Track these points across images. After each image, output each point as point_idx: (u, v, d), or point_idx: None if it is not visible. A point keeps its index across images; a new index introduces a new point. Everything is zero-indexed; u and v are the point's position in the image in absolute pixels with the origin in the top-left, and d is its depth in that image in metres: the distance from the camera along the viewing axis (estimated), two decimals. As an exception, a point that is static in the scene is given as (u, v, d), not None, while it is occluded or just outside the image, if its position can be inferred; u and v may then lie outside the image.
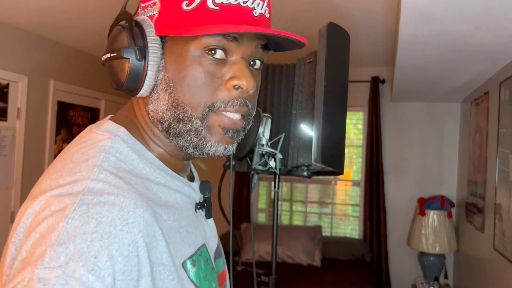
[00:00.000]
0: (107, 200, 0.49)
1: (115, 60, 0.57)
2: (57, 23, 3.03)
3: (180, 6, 0.55)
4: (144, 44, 0.56)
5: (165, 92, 0.57)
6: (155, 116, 0.59)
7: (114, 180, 0.51)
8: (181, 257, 0.57)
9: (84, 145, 0.56)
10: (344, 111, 1.32)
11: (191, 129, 0.58)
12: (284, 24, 2.79)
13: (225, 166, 1.37)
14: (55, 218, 0.46)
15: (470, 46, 2.03)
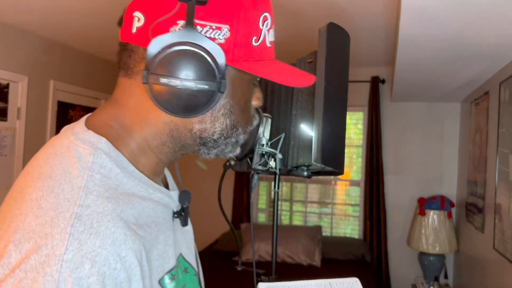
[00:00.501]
0: (98, 232, 0.47)
1: (184, 89, 0.53)
2: (57, 23, 3.03)
3: (250, 41, 0.57)
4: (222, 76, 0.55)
5: (224, 116, 0.60)
6: (199, 133, 0.60)
7: (102, 205, 0.50)
8: (158, 274, 0.57)
9: (64, 158, 0.53)
10: (344, 111, 1.33)
11: (233, 142, 0.63)
12: (284, 24, 2.79)
13: (225, 166, 1.37)
14: (46, 262, 0.44)
15: (470, 47, 2.03)
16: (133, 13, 0.56)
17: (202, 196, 4.58)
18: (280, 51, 4.02)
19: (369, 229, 3.92)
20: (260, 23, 0.58)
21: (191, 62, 0.53)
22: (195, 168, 4.61)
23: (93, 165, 0.53)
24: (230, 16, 0.55)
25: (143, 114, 0.59)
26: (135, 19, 0.56)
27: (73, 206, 0.48)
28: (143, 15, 0.55)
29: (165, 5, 0.54)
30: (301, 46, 3.31)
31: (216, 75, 0.54)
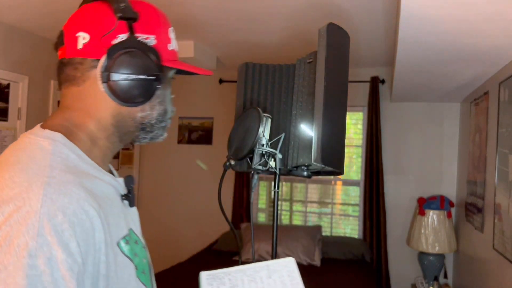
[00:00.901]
0: (65, 193, 0.59)
1: (140, 80, 0.72)
2: (58, 24, 3.03)
3: (167, 46, 0.78)
4: (160, 70, 0.74)
5: (159, 104, 0.78)
6: (141, 120, 0.77)
7: (66, 176, 0.62)
8: (116, 238, 0.69)
9: (28, 150, 0.66)
10: (344, 111, 1.33)
11: (163, 126, 0.81)
12: (284, 24, 2.79)
13: (225, 166, 1.37)
14: (26, 214, 0.55)
15: (470, 47, 2.03)
16: (76, 34, 0.71)
17: (202, 196, 4.58)
18: (280, 51, 4.07)
19: (369, 229, 3.93)
20: (169, 34, 0.79)
21: (139, 61, 0.71)
22: (195, 168, 4.62)
23: (53, 151, 0.66)
24: (154, 30, 0.75)
25: (92, 112, 0.73)
26: (79, 38, 0.71)
27: (42, 177, 0.60)
28: (88, 34, 0.71)
29: (106, 24, 0.71)
30: (301, 46, 3.32)
31: (157, 70, 0.73)
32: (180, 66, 0.79)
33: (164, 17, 0.79)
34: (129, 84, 0.71)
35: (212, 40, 3.30)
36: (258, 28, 2.92)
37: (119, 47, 0.70)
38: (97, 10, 0.72)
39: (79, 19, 0.72)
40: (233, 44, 3.40)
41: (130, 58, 0.70)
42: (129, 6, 0.71)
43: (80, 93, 0.73)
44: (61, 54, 0.74)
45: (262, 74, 1.51)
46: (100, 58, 0.71)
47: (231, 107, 5.11)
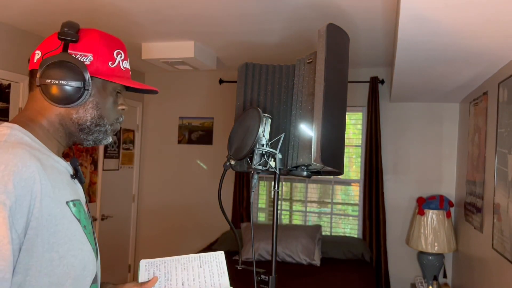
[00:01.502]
0: (11, 152, 0.78)
1: (67, 86, 0.90)
2: (58, 24, 3.04)
3: (108, 64, 0.96)
4: (87, 79, 0.92)
5: (92, 109, 0.95)
6: (77, 121, 0.95)
7: (16, 145, 0.81)
8: (64, 198, 0.86)
9: None
10: (343, 111, 1.34)
11: (103, 131, 0.98)
12: (284, 25, 2.80)
13: (225, 166, 1.38)
14: None
15: (469, 47, 2.04)
16: (35, 52, 0.95)
17: (202, 196, 4.59)
18: (280, 52, 4.05)
19: (368, 228, 3.94)
20: (114, 55, 0.98)
21: (67, 71, 0.89)
22: (196, 168, 4.63)
23: (9, 134, 0.85)
24: (93, 49, 0.94)
25: (42, 110, 0.94)
26: (36, 55, 0.94)
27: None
28: (40, 51, 0.94)
29: (53, 45, 0.93)
30: (300, 46, 3.32)
31: (83, 79, 0.90)
32: (115, 80, 0.96)
33: (111, 41, 0.98)
34: (54, 88, 0.89)
35: (212, 40, 3.31)
36: (258, 28, 2.92)
37: (48, 60, 0.89)
38: (53, 35, 0.95)
39: (42, 43, 0.96)
40: (233, 44, 3.41)
41: (56, 67, 0.89)
42: (73, 31, 0.92)
43: (33, 96, 0.95)
44: (28, 67, 0.97)
45: (262, 74, 1.52)
46: None
47: (231, 107, 5.12)
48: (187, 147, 4.67)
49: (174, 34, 3.16)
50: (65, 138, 0.97)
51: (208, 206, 4.57)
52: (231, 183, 4.43)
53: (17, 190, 0.76)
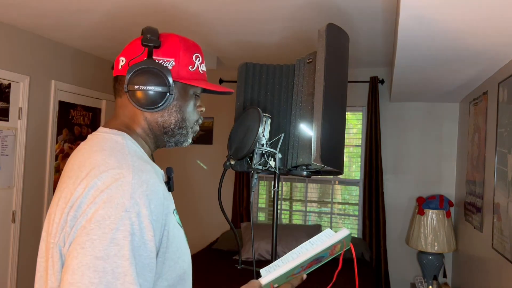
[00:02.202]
0: (145, 172, 0.83)
1: (153, 91, 0.93)
2: (58, 23, 3.04)
3: (188, 68, 0.99)
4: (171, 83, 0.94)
5: (176, 112, 0.99)
6: (162, 124, 0.98)
7: (139, 160, 0.86)
8: (171, 208, 0.89)
9: (107, 141, 0.89)
10: (343, 111, 1.34)
11: (184, 133, 1.02)
12: (284, 24, 2.80)
13: (225, 165, 1.38)
14: (122, 183, 0.78)
15: (469, 47, 2.04)
16: (119, 58, 0.98)
17: (202, 196, 4.59)
18: (280, 52, 4.05)
19: (368, 228, 3.94)
20: (193, 59, 1.00)
21: (152, 76, 0.93)
22: (196, 168, 4.63)
23: (125, 144, 0.90)
24: (175, 54, 0.97)
25: (133, 117, 0.98)
26: (120, 61, 0.98)
27: (128, 162, 0.83)
28: (125, 58, 0.97)
29: (137, 51, 0.96)
30: (300, 46, 3.33)
31: (167, 84, 0.93)
32: (197, 84, 0.99)
33: (189, 45, 1.01)
34: (142, 93, 0.93)
35: (212, 40, 3.31)
36: (258, 28, 2.92)
37: (135, 66, 0.92)
38: (135, 41, 0.98)
39: (125, 49, 0.99)
40: (233, 44, 3.41)
41: (143, 74, 0.92)
42: (155, 37, 0.95)
43: (121, 102, 0.99)
44: (113, 73, 1.00)
45: (262, 74, 1.52)
46: None
47: (231, 107, 5.13)
48: (187, 146, 4.67)
49: (174, 34, 3.16)
50: (153, 143, 1.01)
51: (208, 205, 4.57)
52: (231, 183, 4.43)
53: (157, 209, 0.80)
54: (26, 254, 3.35)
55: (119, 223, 0.75)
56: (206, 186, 4.58)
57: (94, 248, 0.73)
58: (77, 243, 0.74)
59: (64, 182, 0.84)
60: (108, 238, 0.74)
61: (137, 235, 0.76)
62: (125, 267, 0.73)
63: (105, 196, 0.77)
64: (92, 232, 0.74)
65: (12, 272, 3.24)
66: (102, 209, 0.76)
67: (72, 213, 0.78)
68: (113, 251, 0.73)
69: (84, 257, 0.73)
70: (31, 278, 3.32)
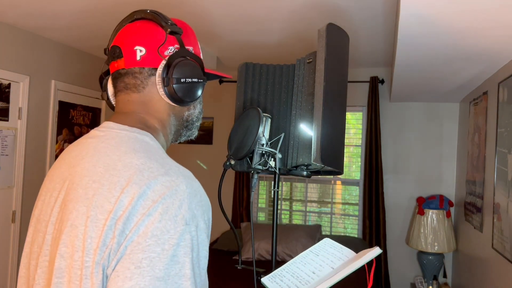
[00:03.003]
0: (192, 178, 0.76)
1: (192, 83, 0.85)
2: (58, 24, 3.04)
3: (200, 55, 0.91)
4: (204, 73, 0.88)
5: (199, 104, 0.94)
6: (187, 118, 0.91)
7: (179, 166, 0.77)
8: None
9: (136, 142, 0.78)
10: (343, 111, 1.34)
11: (197, 125, 0.95)
12: (283, 24, 2.80)
13: (225, 165, 1.38)
14: (176, 192, 0.70)
15: (469, 47, 2.04)
16: (134, 48, 0.83)
17: (202, 196, 4.59)
18: (280, 52, 4.04)
19: (368, 228, 3.94)
20: (199, 46, 0.94)
21: (191, 67, 0.84)
22: (196, 168, 4.63)
23: (156, 145, 0.80)
24: (192, 41, 0.90)
25: (155, 114, 0.86)
26: (137, 51, 0.83)
27: (172, 168, 0.74)
28: (144, 47, 0.83)
29: (158, 39, 0.84)
30: (300, 46, 3.33)
31: (203, 74, 0.87)
32: (214, 72, 0.96)
33: (194, 32, 0.94)
34: (184, 87, 0.84)
35: (212, 40, 3.31)
36: (258, 28, 2.92)
37: (176, 56, 0.82)
38: (148, 27, 0.85)
39: (134, 36, 0.84)
40: (233, 44, 3.41)
41: (184, 65, 0.83)
42: (174, 23, 0.85)
43: (141, 98, 0.85)
44: (118, 65, 0.85)
45: (262, 74, 1.52)
46: (157, 67, 0.83)
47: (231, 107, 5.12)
48: (187, 147, 4.67)
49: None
50: (173, 137, 0.93)
51: (208, 206, 4.57)
52: (231, 183, 4.43)
53: (210, 220, 0.75)
54: (26, 254, 3.35)
55: (180, 238, 0.67)
56: (206, 186, 4.56)
57: (154, 267, 0.64)
58: (131, 261, 0.64)
59: (89, 188, 0.71)
60: (168, 256, 0.65)
61: (195, 250, 0.69)
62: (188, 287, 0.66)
63: (159, 207, 0.67)
64: (149, 248, 0.64)
65: (12, 272, 3.24)
66: (159, 222, 0.66)
67: (119, 226, 0.66)
68: (174, 270, 0.65)
69: (141, 277, 0.63)
70: (31, 278, 3.32)
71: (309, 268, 1.05)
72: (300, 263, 1.07)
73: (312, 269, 1.05)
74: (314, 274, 1.04)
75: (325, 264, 1.06)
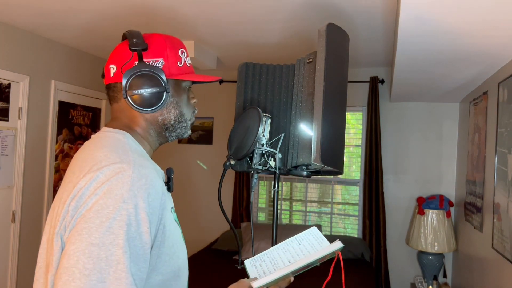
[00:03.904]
0: (145, 167, 0.87)
1: (151, 93, 0.96)
2: (58, 23, 3.04)
3: (177, 64, 1.02)
4: (165, 82, 0.98)
5: (174, 108, 1.03)
6: (162, 122, 1.02)
7: (139, 157, 0.89)
8: (168, 205, 0.92)
9: (109, 139, 0.94)
10: (343, 111, 1.34)
11: (184, 126, 1.06)
12: (283, 24, 2.80)
13: (225, 165, 1.38)
14: (122, 176, 0.82)
15: (469, 47, 2.04)
16: (109, 66, 1.01)
17: (202, 196, 4.59)
18: (280, 52, 4.04)
19: (368, 228, 3.94)
20: (179, 54, 1.04)
21: (147, 79, 0.96)
22: (196, 168, 4.63)
23: (126, 142, 0.94)
24: (162, 53, 1.00)
25: (133, 118, 1.01)
26: (111, 69, 1.00)
27: (129, 158, 0.87)
28: (115, 65, 1.00)
29: (125, 57, 0.98)
30: (300, 46, 3.33)
31: (163, 84, 0.97)
32: (188, 78, 1.04)
33: (173, 42, 1.04)
34: (141, 97, 0.96)
35: (212, 40, 3.31)
36: (258, 28, 2.92)
37: (129, 72, 0.95)
38: (121, 47, 1.01)
39: (111, 56, 1.02)
40: (233, 44, 3.41)
41: (139, 78, 0.95)
42: (141, 40, 0.97)
43: (119, 107, 1.02)
44: (104, 81, 1.03)
45: (262, 74, 1.52)
46: None
47: (231, 107, 5.12)
48: (187, 147, 4.67)
49: (174, 34, 3.16)
50: (156, 140, 1.05)
51: (208, 205, 4.57)
52: (231, 183, 4.43)
53: (154, 202, 0.84)
54: (26, 254, 3.35)
55: (116, 213, 0.78)
56: (206, 186, 4.58)
57: (91, 235, 0.76)
58: (75, 230, 0.77)
59: (68, 177, 0.88)
60: (104, 227, 0.76)
61: (133, 226, 0.79)
62: (119, 256, 0.76)
63: (105, 187, 0.80)
64: (90, 220, 0.77)
65: (12, 272, 3.24)
66: (102, 199, 0.79)
67: (73, 203, 0.81)
68: (109, 240, 0.76)
69: (80, 243, 0.75)
70: (31, 278, 3.32)
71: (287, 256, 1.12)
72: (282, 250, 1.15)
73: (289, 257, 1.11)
74: (289, 263, 1.09)
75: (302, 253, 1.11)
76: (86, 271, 0.73)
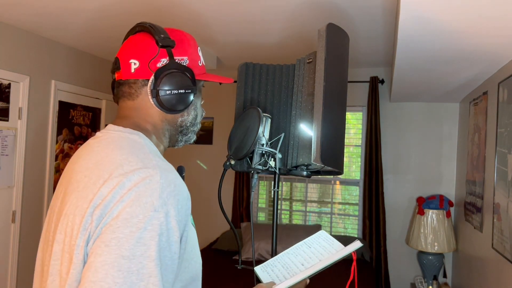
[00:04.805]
0: (170, 170, 0.82)
1: (182, 93, 0.92)
2: (58, 23, 3.04)
3: (198, 63, 0.98)
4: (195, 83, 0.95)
5: (194, 110, 1.00)
6: (180, 124, 0.98)
7: (162, 160, 0.85)
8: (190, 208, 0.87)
9: (124, 140, 0.87)
10: (343, 111, 1.34)
11: (195, 130, 1.02)
12: (283, 25, 2.80)
13: (225, 165, 1.38)
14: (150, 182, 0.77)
15: (469, 47, 2.04)
16: (129, 61, 0.93)
17: (202, 196, 4.59)
18: (280, 52, 4.04)
19: (368, 228, 3.94)
20: (199, 53, 1.00)
21: (180, 78, 0.92)
22: (196, 168, 4.63)
23: (143, 143, 0.88)
24: (187, 52, 0.96)
25: (148, 118, 0.95)
26: (132, 64, 0.92)
27: (152, 162, 0.82)
28: (138, 60, 0.92)
29: (151, 52, 0.92)
30: (300, 46, 3.33)
31: (193, 84, 0.94)
32: (209, 78, 1.00)
33: (193, 39, 1.00)
34: (172, 97, 0.92)
35: (212, 40, 3.31)
36: (258, 28, 2.92)
37: (163, 70, 0.90)
38: (143, 41, 0.94)
39: (131, 49, 0.94)
40: (233, 44, 3.41)
41: (171, 77, 0.91)
42: (167, 36, 0.92)
43: (134, 105, 0.95)
44: (118, 76, 0.96)
45: (262, 74, 1.52)
46: (149, 79, 0.92)
47: (231, 107, 5.12)
48: (187, 147, 4.67)
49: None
50: (167, 143, 1.00)
51: (208, 205, 4.57)
52: (231, 183, 4.43)
53: (183, 208, 0.80)
54: (26, 254, 3.35)
55: (147, 223, 0.73)
56: (206, 186, 4.58)
57: (120, 247, 0.71)
58: (102, 240, 0.72)
59: (80, 182, 0.81)
60: (135, 237, 0.72)
61: (164, 235, 0.74)
62: (151, 268, 0.71)
63: (133, 194, 0.75)
64: (118, 230, 0.72)
65: (12, 272, 3.24)
66: (130, 207, 0.74)
67: (98, 212, 0.75)
68: (140, 251, 0.71)
69: (109, 255, 0.70)
70: (31, 278, 3.32)
71: (299, 260, 1.11)
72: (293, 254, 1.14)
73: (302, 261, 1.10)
74: (302, 266, 1.08)
75: (315, 256, 1.10)
76: (116, 286, 0.68)
